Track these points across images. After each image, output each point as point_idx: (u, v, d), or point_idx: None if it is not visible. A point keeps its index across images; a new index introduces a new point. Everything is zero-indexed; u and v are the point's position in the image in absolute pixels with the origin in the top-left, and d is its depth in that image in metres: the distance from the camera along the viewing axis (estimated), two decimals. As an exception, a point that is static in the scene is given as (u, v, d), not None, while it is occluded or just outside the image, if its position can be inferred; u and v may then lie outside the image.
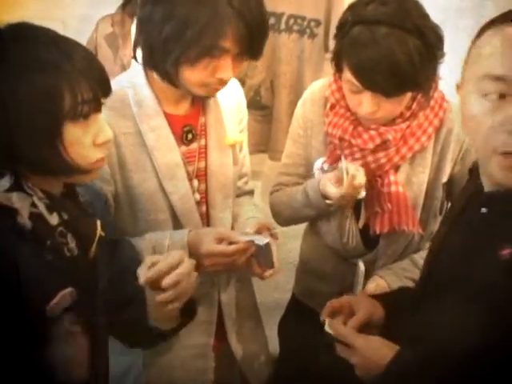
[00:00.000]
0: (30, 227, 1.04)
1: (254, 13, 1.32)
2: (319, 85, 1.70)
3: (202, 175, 1.55)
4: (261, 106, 2.43)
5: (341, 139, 1.55)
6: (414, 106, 1.53)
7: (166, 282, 1.11)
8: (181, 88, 1.42)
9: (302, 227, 1.88)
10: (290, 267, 1.97)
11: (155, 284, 1.12)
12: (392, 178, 1.55)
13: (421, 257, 1.60)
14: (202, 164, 1.55)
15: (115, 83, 1.45)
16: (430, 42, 1.40)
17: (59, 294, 1.07)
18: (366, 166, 1.53)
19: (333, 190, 1.51)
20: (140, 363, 1.56)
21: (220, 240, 1.43)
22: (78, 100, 1.02)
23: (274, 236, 1.59)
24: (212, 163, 1.55)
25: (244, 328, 1.71)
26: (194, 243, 1.43)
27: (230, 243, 1.43)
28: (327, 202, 1.56)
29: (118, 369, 1.50)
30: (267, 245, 1.46)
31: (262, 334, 1.82)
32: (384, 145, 1.53)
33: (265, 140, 2.45)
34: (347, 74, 1.45)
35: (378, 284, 1.58)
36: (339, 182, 1.49)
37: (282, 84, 2.37)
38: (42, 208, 1.06)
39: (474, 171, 1.16)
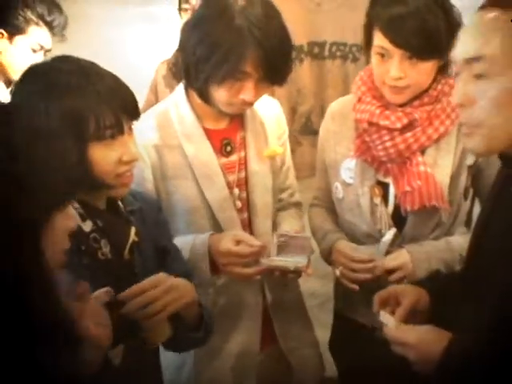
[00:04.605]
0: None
1: (273, 42, 1.50)
2: (338, 100, 1.86)
3: (242, 184, 1.69)
4: (313, 131, 2.55)
5: (369, 123, 1.65)
6: (439, 86, 1.63)
7: (129, 305, 1.18)
8: (212, 105, 1.60)
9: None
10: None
11: None
12: (420, 159, 1.63)
13: (457, 241, 1.64)
14: (243, 174, 1.70)
15: (163, 102, 1.72)
16: (453, 20, 1.54)
17: (95, 292, 1.17)
18: (395, 147, 1.62)
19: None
20: (191, 362, 1.67)
21: (238, 242, 1.57)
22: (100, 125, 1.17)
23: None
24: (252, 173, 1.70)
25: (293, 328, 1.79)
26: (214, 243, 1.57)
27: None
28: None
29: (171, 365, 1.64)
30: (297, 268, 1.59)
31: (312, 333, 1.89)
32: (411, 126, 1.62)
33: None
34: (377, 39, 1.58)
35: (399, 259, 1.61)
36: None
37: (331, 108, 2.50)
38: (76, 216, 1.20)
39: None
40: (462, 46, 1.15)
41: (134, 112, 1.25)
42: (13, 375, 0.88)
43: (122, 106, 1.21)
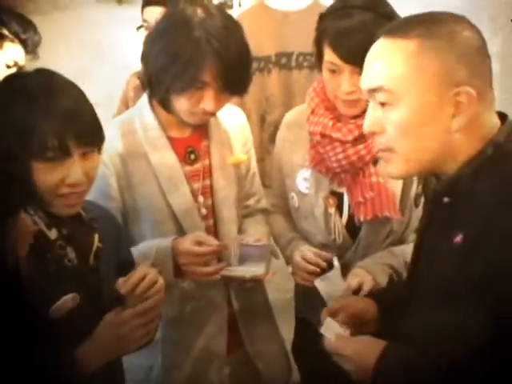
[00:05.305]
0: (32, 242, 1.21)
1: (232, 53, 1.56)
2: (293, 110, 1.91)
3: (207, 192, 1.74)
4: (282, 140, 2.61)
5: (322, 135, 1.70)
6: None
7: (139, 290, 1.27)
8: (174, 115, 1.64)
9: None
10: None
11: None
12: (372, 169, 1.68)
13: (399, 249, 1.70)
14: (207, 182, 1.74)
15: (128, 112, 1.79)
16: None
17: (62, 298, 1.23)
18: (347, 159, 1.67)
19: None
20: (159, 365, 1.71)
21: (199, 243, 1.61)
22: (42, 144, 1.18)
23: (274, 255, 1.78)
24: (216, 181, 1.74)
25: (259, 332, 1.83)
26: (176, 245, 1.61)
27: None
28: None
29: (138, 370, 1.68)
30: (253, 277, 1.64)
31: (278, 336, 1.93)
32: (362, 138, 1.66)
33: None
34: (327, 55, 1.63)
35: (358, 275, 1.64)
36: None
37: (299, 117, 2.56)
38: (41, 225, 1.25)
39: None
40: (364, 77, 1.19)
41: (90, 138, 1.26)
42: None
43: (73, 130, 1.22)
